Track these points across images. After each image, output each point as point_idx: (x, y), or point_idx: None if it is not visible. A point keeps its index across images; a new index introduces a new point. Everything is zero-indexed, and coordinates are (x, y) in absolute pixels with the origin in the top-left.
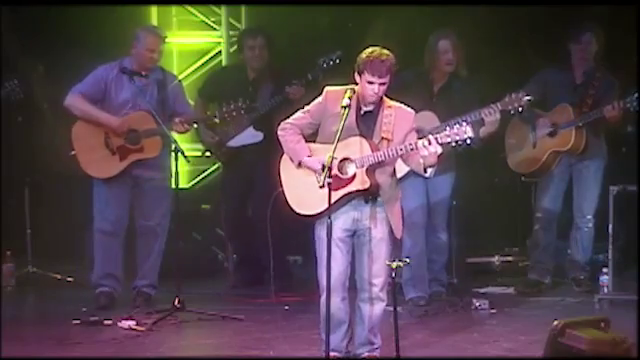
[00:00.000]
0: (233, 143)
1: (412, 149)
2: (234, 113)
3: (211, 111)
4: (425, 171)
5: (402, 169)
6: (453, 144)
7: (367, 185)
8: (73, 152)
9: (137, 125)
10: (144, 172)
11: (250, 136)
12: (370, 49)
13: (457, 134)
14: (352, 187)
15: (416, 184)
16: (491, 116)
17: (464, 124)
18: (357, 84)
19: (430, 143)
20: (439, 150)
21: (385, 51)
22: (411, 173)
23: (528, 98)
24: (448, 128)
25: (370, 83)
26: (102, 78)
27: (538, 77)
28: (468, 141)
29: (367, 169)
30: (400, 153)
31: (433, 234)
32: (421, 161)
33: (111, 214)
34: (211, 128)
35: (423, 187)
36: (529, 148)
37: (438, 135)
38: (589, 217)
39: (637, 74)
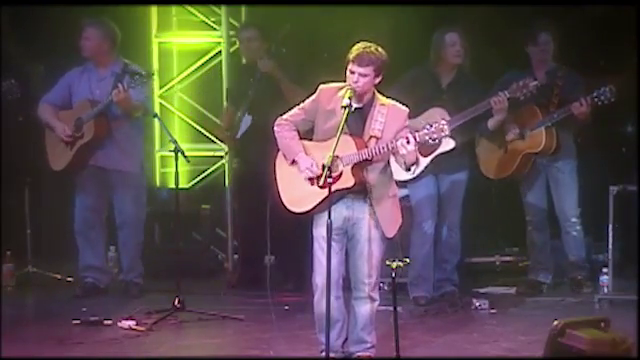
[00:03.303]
0: (239, 134)
1: (392, 147)
2: None
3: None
4: (409, 169)
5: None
6: (431, 142)
7: (351, 183)
8: None
9: (81, 113)
10: (108, 164)
11: (246, 122)
12: (360, 43)
13: (435, 132)
14: (338, 185)
15: (428, 183)
16: (499, 105)
17: (442, 122)
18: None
19: (409, 142)
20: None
21: (374, 46)
22: (426, 172)
23: (535, 83)
24: (428, 126)
25: (352, 73)
26: (67, 83)
27: (502, 81)
28: (450, 141)
29: (353, 167)
30: (382, 151)
31: (447, 233)
32: (402, 160)
33: (83, 205)
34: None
35: (435, 186)
36: (500, 153)
37: (417, 133)
38: (574, 220)
39: (637, 74)
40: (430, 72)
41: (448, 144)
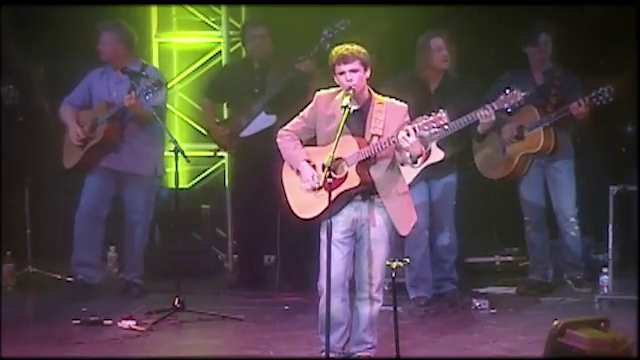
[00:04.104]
0: (246, 132)
1: (394, 141)
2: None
3: (220, 112)
4: (415, 162)
5: (409, 175)
6: (432, 132)
7: (356, 183)
8: None
9: (98, 114)
10: (121, 166)
11: (263, 121)
12: (334, 49)
13: (434, 122)
14: (343, 186)
15: (420, 188)
16: (487, 118)
17: (440, 111)
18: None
19: (409, 134)
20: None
21: (347, 44)
22: (417, 180)
23: (524, 94)
24: (426, 117)
25: (342, 74)
26: (87, 85)
27: (499, 82)
28: (446, 127)
29: (357, 166)
30: (385, 147)
31: (441, 234)
32: (407, 154)
33: (85, 202)
34: (223, 123)
35: (426, 189)
36: (499, 154)
37: (417, 125)
38: (572, 220)
39: (637, 74)
40: (417, 77)
41: (437, 155)
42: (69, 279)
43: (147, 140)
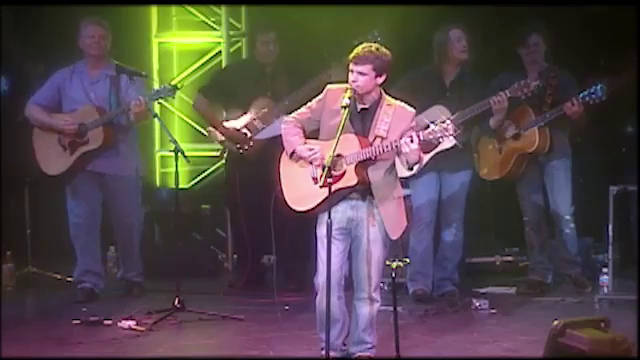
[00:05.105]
0: (263, 135)
1: (396, 146)
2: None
3: (217, 110)
4: (411, 168)
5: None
6: (435, 141)
7: (353, 182)
8: None
9: (84, 119)
10: (106, 169)
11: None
12: (362, 43)
13: (438, 131)
14: (340, 184)
15: (429, 181)
16: (500, 104)
17: (447, 121)
18: None
19: (412, 140)
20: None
21: (375, 46)
22: (427, 170)
23: (536, 83)
24: (432, 125)
25: (351, 72)
26: (55, 83)
27: (495, 83)
28: (451, 138)
29: (356, 166)
30: (386, 150)
31: (450, 232)
32: (404, 159)
33: (80, 210)
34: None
35: (436, 184)
36: (495, 154)
37: (421, 132)
38: (568, 218)
39: (637, 74)
40: (433, 71)
41: (449, 141)
42: (69, 279)
43: (129, 141)
